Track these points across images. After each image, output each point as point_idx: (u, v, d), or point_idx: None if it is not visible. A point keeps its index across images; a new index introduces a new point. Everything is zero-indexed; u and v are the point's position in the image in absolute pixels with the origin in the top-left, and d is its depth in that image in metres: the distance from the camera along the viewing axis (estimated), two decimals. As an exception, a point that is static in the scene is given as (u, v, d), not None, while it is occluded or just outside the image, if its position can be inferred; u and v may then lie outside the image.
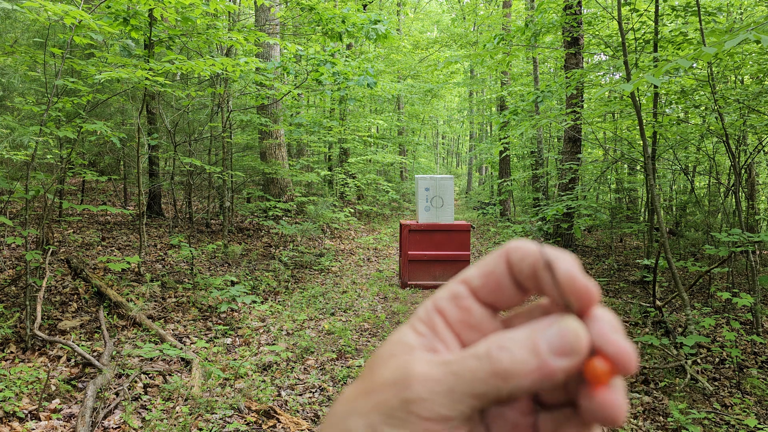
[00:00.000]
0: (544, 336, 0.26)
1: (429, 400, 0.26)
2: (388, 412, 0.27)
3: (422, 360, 0.27)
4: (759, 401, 3.96)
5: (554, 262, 0.27)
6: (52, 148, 6.32)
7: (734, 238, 4.55)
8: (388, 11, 22.29)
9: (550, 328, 0.26)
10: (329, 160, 15.65)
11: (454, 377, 0.26)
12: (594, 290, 0.27)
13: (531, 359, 0.26)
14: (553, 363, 0.26)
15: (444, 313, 0.29)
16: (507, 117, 8.00)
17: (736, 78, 9.43)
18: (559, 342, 0.26)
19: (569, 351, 0.26)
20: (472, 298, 0.29)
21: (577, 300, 0.27)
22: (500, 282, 0.28)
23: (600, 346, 0.26)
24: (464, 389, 0.26)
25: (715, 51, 2.63)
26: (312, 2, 7.30)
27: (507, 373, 0.26)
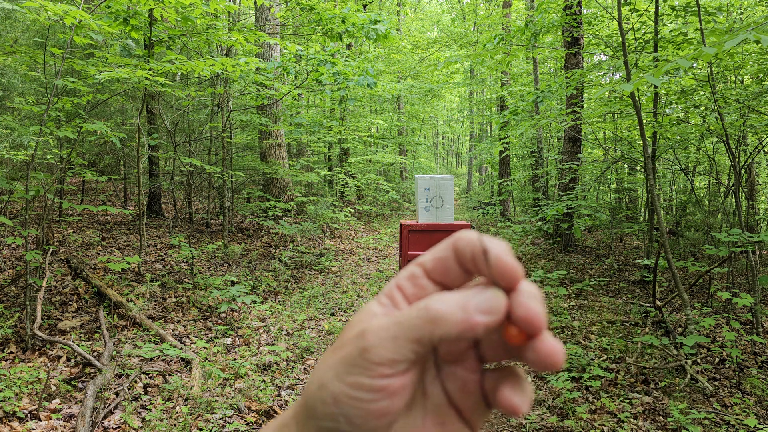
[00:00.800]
0: (473, 298, 0.32)
1: (378, 346, 0.32)
2: (350, 361, 0.32)
3: (378, 318, 0.33)
4: (759, 401, 3.96)
5: (488, 247, 0.32)
6: (52, 148, 6.32)
7: (734, 238, 4.55)
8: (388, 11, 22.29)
9: (479, 294, 0.32)
10: (329, 160, 15.65)
11: (397, 325, 0.32)
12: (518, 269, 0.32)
13: (459, 312, 0.31)
14: (476, 318, 0.31)
15: (403, 289, 0.35)
16: (507, 117, 8.00)
17: (736, 78, 9.42)
18: (484, 304, 0.32)
19: (489, 311, 0.31)
20: (426, 277, 0.35)
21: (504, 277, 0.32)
22: (448, 265, 0.34)
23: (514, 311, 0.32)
24: (405, 335, 0.32)
25: (715, 51, 2.63)
26: (312, 2, 7.30)
27: (438, 319, 0.31)
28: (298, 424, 0.35)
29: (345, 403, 0.32)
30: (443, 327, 0.31)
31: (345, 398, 0.32)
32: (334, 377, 0.32)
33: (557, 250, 9.85)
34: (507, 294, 0.33)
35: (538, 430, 3.62)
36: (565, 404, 3.90)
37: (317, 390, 0.33)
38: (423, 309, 0.32)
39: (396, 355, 0.32)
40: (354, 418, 0.32)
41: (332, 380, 0.32)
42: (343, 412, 0.32)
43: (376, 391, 0.32)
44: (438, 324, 0.31)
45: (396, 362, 0.32)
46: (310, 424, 0.34)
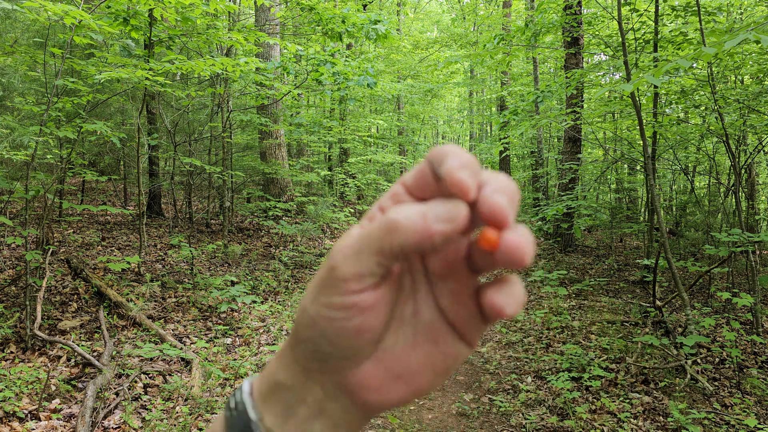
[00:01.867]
0: (433, 208, 0.31)
1: (343, 262, 0.32)
2: (322, 283, 0.33)
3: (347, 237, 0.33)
4: (759, 401, 3.96)
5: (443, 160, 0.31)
6: (52, 148, 6.32)
7: (734, 238, 4.55)
8: (388, 11, 22.28)
9: (439, 205, 0.31)
10: (329, 160, 15.64)
11: (360, 240, 0.32)
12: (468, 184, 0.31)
13: (419, 221, 0.30)
14: (434, 226, 0.30)
15: (384, 209, 0.34)
16: (507, 117, 8.00)
17: (736, 78, 9.42)
18: (443, 212, 0.31)
19: (447, 219, 0.31)
20: (407, 194, 0.34)
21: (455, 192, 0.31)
22: (425, 179, 0.33)
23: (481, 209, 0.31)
24: (367, 247, 0.31)
25: (715, 51, 2.63)
26: (312, 2, 7.29)
27: (397, 229, 0.31)
28: (291, 350, 0.35)
29: (321, 324, 0.32)
30: (401, 235, 0.30)
31: (320, 319, 0.32)
32: (310, 300, 0.33)
33: (557, 250, 9.85)
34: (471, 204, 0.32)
35: (538, 430, 3.62)
36: (565, 404, 3.90)
37: (300, 315, 0.34)
38: (383, 220, 0.31)
39: (360, 269, 0.31)
40: (332, 338, 0.33)
41: (309, 303, 0.33)
42: (321, 332, 0.33)
43: (347, 308, 0.32)
44: (396, 233, 0.31)
45: (362, 276, 0.32)
46: (298, 349, 0.34)
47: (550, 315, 6.03)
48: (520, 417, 3.81)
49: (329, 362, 0.34)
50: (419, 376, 0.35)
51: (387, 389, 0.35)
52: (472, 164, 0.32)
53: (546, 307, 6.43)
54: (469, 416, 3.87)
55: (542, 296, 6.98)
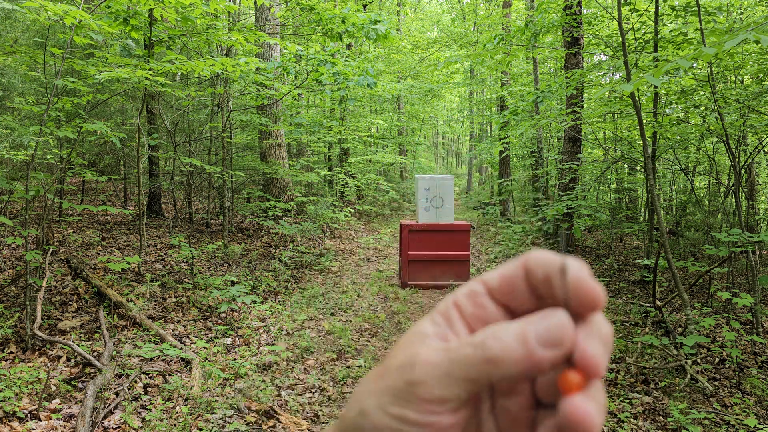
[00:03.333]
0: (534, 327, 0.28)
1: (428, 382, 0.29)
2: (396, 393, 0.30)
3: (428, 347, 0.30)
4: (759, 401, 3.96)
5: (568, 265, 0.29)
6: (52, 148, 6.32)
7: (734, 238, 4.55)
8: (388, 11, 22.28)
9: (541, 320, 0.29)
10: (329, 160, 15.65)
11: (451, 362, 0.29)
12: (599, 294, 0.29)
13: (519, 348, 0.28)
14: (539, 353, 0.28)
15: (460, 307, 0.32)
16: (507, 117, 8.00)
17: (736, 78, 9.42)
18: (546, 334, 0.28)
19: (554, 343, 0.28)
20: (488, 296, 0.31)
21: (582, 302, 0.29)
22: (515, 284, 0.31)
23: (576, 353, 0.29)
24: (459, 374, 0.29)
25: (715, 51, 2.63)
26: (312, 2, 7.29)
27: (497, 360, 0.28)
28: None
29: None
30: (502, 368, 0.28)
31: (387, 429, 0.30)
32: (376, 406, 0.30)
33: (557, 250, 9.85)
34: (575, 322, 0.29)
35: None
36: (565, 404, 3.89)
37: (357, 416, 0.31)
38: (479, 346, 0.29)
39: (447, 394, 0.29)
40: None
41: (375, 409, 0.30)
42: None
43: (424, 426, 0.29)
44: (496, 365, 0.28)
45: (447, 400, 0.29)
46: None
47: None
48: None
49: None
50: None
51: None
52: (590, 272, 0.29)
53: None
54: (469, 416, 3.87)
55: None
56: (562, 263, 0.29)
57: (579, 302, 0.29)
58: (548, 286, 0.30)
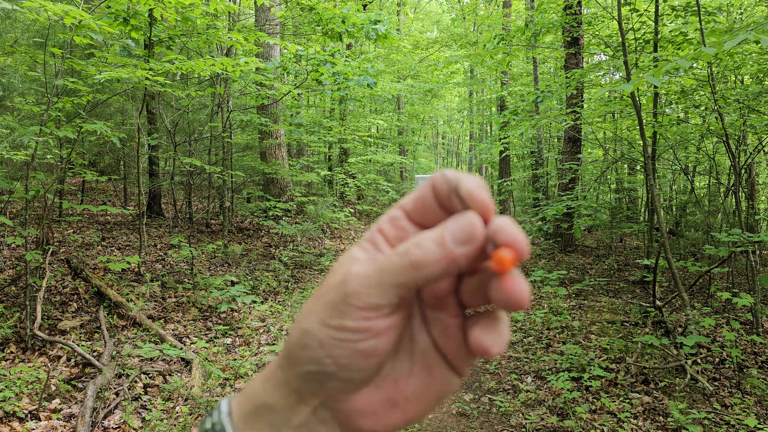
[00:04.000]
0: (449, 229, 0.31)
1: (362, 292, 0.32)
2: (334, 306, 0.32)
3: (359, 262, 0.33)
4: (759, 401, 3.96)
5: (461, 181, 0.32)
6: (52, 148, 6.32)
7: (734, 238, 4.55)
8: (388, 11, 22.28)
9: (454, 223, 0.32)
10: (329, 160, 15.64)
11: (380, 272, 0.32)
12: (490, 202, 0.32)
13: (438, 250, 0.31)
14: (456, 250, 0.31)
15: (384, 232, 0.34)
16: (507, 117, 8.00)
17: (736, 78, 9.42)
18: (460, 232, 0.31)
19: (468, 239, 0.31)
20: (406, 219, 0.34)
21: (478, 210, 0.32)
22: (427, 204, 0.34)
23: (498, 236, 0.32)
24: (388, 280, 0.32)
25: (715, 51, 2.63)
26: (312, 2, 7.29)
27: (421, 263, 0.31)
28: (283, 371, 0.35)
29: (330, 345, 0.32)
30: (426, 269, 0.31)
31: (330, 340, 0.32)
32: (318, 322, 0.33)
33: (557, 250, 9.85)
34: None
35: (538, 430, 3.62)
36: (565, 404, 3.90)
37: (300, 337, 0.33)
38: (404, 254, 0.31)
39: (379, 300, 0.32)
40: (340, 358, 0.32)
41: (316, 325, 0.33)
42: (329, 353, 0.32)
43: (362, 331, 0.32)
44: (420, 268, 0.31)
45: (380, 306, 0.32)
46: (292, 371, 0.34)
47: (550, 315, 6.03)
48: (520, 417, 3.81)
49: (328, 385, 0.33)
50: (413, 404, 0.35)
51: (382, 416, 0.35)
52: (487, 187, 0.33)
53: (546, 307, 6.43)
54: (469, 416, 3.87)
55: (542, 296, 6.98)
56: (456, 179, 0.32)
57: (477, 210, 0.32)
58: (451, 201, 0.33)
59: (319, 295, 0.34)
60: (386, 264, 0.32)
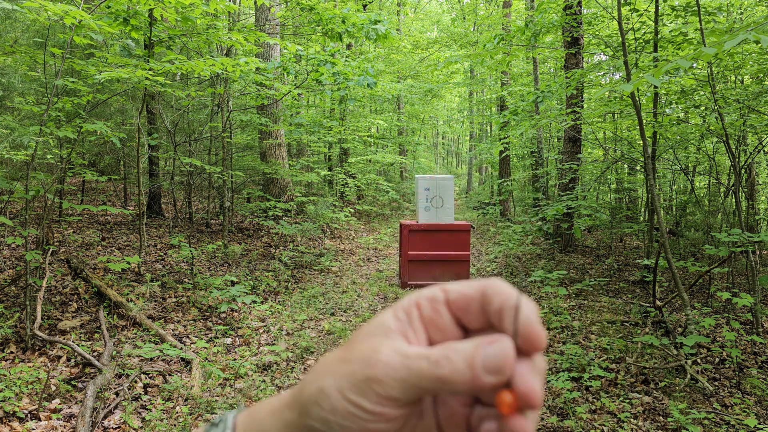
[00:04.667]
0: (482, 353, 0.32)
1: (385, 382, 0.32)
2: (355, 381, 0.33)
3: (389, 347, 0.33)
4: (759, 401, 3.96)
5: (522, 305, 0.32)
6: (52, 148, 6.32)
7: (734, 238, 4.55)
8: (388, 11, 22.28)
9: (488, 347, 0.32)
10: (329, 160, 15.65)
11: (407, 371, 0.32)
12: (543, 338, 0.33)
13: (467, 372, 0.32)
14: (483, 378, 0.31)
15: (421, 308, 0.35)
16: (507, 117, 8.00)
17: (736, 78, 9.42)
18: (492, 362, 0.32)
19: (497, 371, 0.32)
20: (445, 306, 0.35)
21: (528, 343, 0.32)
22: (471, 305, 0.34)
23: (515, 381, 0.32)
24: (413, 382, 0.32)
25: (715, 51, 2.63)
26: (312, 2, 7.29)
27: (447, 380, 0.32)
28: (292, 414, 0.36)
29: (343, 416, 0.33)
30: (450, 386, 0.32)
31: (343, 411, 0.33)
32: (336, 389, 0.33)
33: (557, 250, 9.85)
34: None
35: (538, 430, 3.62)
36: (565, 404, 3.90)
37: (316, 392, 0.34)
38: (433, 363, 0.32)
39: (400, 396, 0.33)
40: (348, 430, 0.33)
41: (334, 391, 0.33)
42: (340, 422, 0.33)
43: (376, 414, 0.33)
44: (445, 383, 0.32)
45: (398, 400, 0.33)
46: (302, 420, 0.35)
47: (550, 315, 6.03)
48: (520, 417, 3.80)
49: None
50: None
51: None
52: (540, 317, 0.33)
53: (546, 307, 6.44)
54: (469, 416, 3.87)
55: (542, 296, 6.98)
56: (518, 301, 0.33)
57: (526, 342, 0.32)
58: (499, 317, 0.33)
59: (344, 358, 0.34)
60: (414, 366, 0.32)
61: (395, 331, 0.34)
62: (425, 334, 0.35)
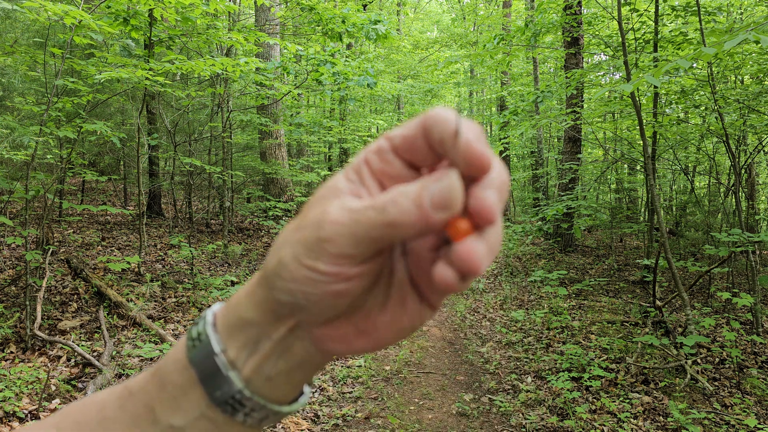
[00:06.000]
0: (429, 191, 0.30)
1: (336, 240, 0.31)
2: (308, 245, 0.32)
3: (337, 205, 0.32)
4: (759, 401, 3.96)
5: (460, 128, 0.30)
6: (52, 148, 6.32)
7: (734, 238, 4.55)
8: (388, 11, 22.28)
9: (434, 183, 0.30)
10: (329, 160, 15.65)
11: (356, 224, 0.31)
12: (487, 159, 0.31)
13: (415, 212, 0.30)
14: (432, 215, 0.30)
15: (370, 163, 0.33)
16: (507, 117, 8.00)
17: (736, 78, 9.42)
18: (439, 197, 0.30)
19: (446, 205, 0.30)
20: (393, 153, 0.33)
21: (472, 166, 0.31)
22: (415, 143, 0.32)
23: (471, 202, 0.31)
24: (363, 234, 0.31)
25: (715, 51, 2.63)
26: (312, 2, 7.29)
27: (396, 223, 0.30)
28: (262, 291, 0.35)
29: (302, 281, 0.32)
30: (400, 230, 0.30)
31: (302, 277, 0.32)
32: (292, 257, 0.32)
33: (557, 250, 9.85)
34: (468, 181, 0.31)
35: (538, 430, 3.62)
36: (565, 404, 3.90)
37: (276, 264, 0.33)
38: (380, 210, 0.31)
39: (353, 251, 0.31)
40: (311, 296, 0.32)
41: (290, 259, 0.32)
42: (302, 289, 0.32)
43: (334, 275, 0.32)
44: (395, 228, 0.30)
45: (354, 256, 0.31)
46: (269, 293, 0.34)
47: (550, 315, 6.03)
48: (520, 417, 3.81)
49: (301, 313, 0.34)
50: (383, 333, 0.36)
51: (351, 342, 0.36)
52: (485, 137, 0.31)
53: (546, 307, 6.43)
54: (469, 416, 3.87)
55: (542, 296, 6.98)
56: (456, 126, 0.30)
57: (470, 166, 0.30)
58: (443, 146, 0.31)
59: (298, 226, 0.33)
60: (362, 217, 0.31)
61: (346, 192, 0.33)
62: (380, 189, 0.33)
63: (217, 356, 0.35)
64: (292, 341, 0.35)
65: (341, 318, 0.35)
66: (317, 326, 0.35)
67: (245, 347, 0.36)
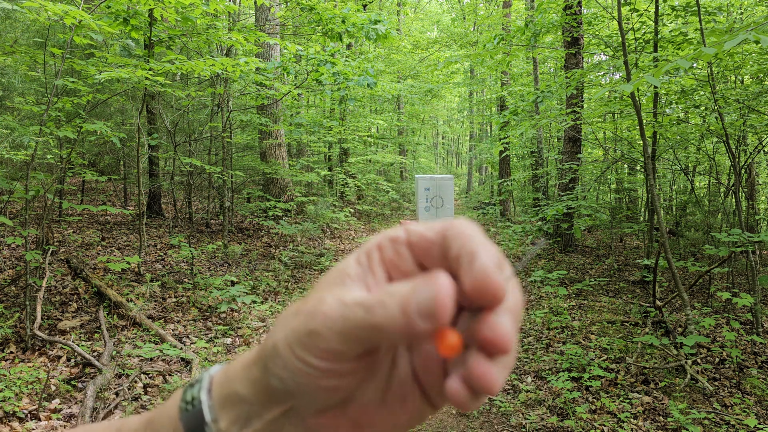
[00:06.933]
0: (417, 296, 0.29)
1: (324, 335, 0.30)
2: (300, 336, 0.31)
3: (334, 296, 0.31)
4: (759, 401, 3.96)
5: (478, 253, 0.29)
6: (52, 148, 6.32)
7: (734, 238, 4.55)
8: (388, 11, 22.28)
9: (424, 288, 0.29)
10: (329, 160, 15.65)
11: (344, 320, 0.30)
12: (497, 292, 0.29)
13: (400, 318, 0.29)
14: (418, 324, 0.29)
15: (382, 250, 0.33)
16: (507, 117, 8.00)
17: (736, 78, 9.42)
18: (426, 306, 0.28)
19: (430, 315, 0.28)
20: (407, 247, 0.32)
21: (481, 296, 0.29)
22: (431, 250, 0.31)
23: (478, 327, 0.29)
24: (350, 333, 0.30)
25: (715, 51, 2.63)
26: (312, 2, 7.29)
27: (381, 327, 0.29)
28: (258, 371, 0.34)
29: (294, 372, 0.31)
30: (385, 334, 0.29)
31: (294, 368, 0.31)
32: (286, 345, 0.31)
33: (557, 250, 9.85)
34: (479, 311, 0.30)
35: (538, 430, 3.62)
36: (565, 404, 3.90)
37: (271, 348, 0.32)
38: (368, 311, 0.29)
39: (342, 348, 0.30)
40: (303, 386, 0.32)
41: (284, 346, 0.32)
42: (293, 378, 0.31)
43: (324, 371, 0.31)
44: (380, 331, 0.29)
45: (343, 353, 0.30)
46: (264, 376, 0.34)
47: (550, 315, 6.03)
48: (520, 417, 3.81)
49: (294, 400, 0.33)
50: (380, 428, 0.35)
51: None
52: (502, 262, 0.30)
53: (546, 307, 6.44)
54: (469, 416, 3.88)
55: (542, 296, 6.98)
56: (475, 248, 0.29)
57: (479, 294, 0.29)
58: (458, 264, 0.30)
59: (298, 309, 0.32)
60: (351, 314, 0.30)
61: (353, 278, 0.32)
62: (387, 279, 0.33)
63: (207, 426, 0.35)
64: (284, 424, 0.34)
65: (336, 409, 0.34)
66: (310, 415, 0.34)
67: (236, 422, 0.35)
